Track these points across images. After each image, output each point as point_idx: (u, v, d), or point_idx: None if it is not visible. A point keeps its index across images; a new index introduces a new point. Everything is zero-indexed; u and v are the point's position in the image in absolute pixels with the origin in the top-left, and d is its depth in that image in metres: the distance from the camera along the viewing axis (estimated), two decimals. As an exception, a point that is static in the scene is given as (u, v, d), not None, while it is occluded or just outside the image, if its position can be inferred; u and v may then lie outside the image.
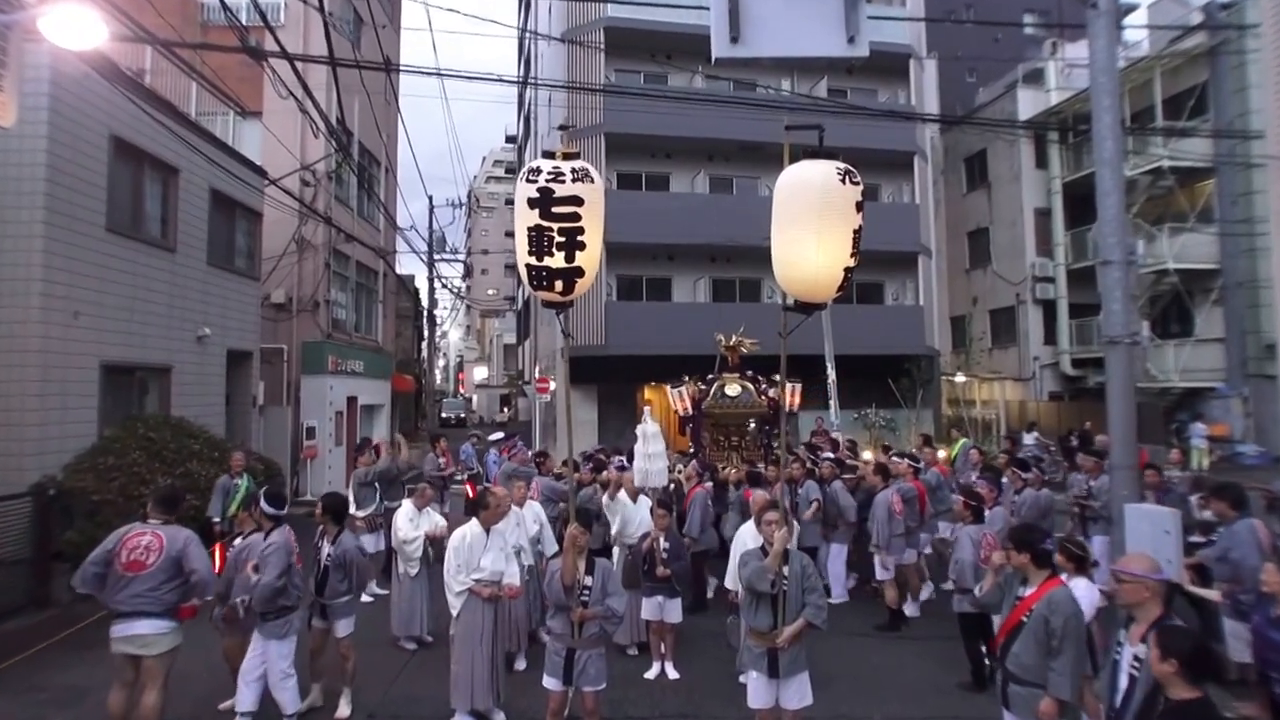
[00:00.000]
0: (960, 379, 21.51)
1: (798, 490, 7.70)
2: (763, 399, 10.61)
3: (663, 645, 5.93)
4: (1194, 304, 19.69)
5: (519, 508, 6.19)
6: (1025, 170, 23.38)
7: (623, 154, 19.15)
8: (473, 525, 5.11)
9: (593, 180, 3.89)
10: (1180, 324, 20.30)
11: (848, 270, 3.88)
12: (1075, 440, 15.80)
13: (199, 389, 10.61)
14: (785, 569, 4.14)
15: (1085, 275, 20.76)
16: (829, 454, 8.92)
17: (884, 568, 7.18)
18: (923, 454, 8.83)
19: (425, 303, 26.76)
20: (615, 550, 6.80)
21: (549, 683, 4.31)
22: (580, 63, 18.74)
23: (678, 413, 10.92)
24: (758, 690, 4.21)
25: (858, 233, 3.83)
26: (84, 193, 8.32)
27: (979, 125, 22.50)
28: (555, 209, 3.82)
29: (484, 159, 72.43)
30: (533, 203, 3.84)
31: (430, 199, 25.94)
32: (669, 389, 11.07)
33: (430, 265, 24.52)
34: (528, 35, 25.11)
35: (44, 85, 7.76)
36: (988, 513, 6.12)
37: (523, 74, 25.96)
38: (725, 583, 5.85)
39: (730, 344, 11.06)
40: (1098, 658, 4.16)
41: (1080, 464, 8.61)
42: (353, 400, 16.32)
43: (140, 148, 9.33)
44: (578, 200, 3.83)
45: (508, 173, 58.63)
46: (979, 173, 25.49)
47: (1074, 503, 8.00)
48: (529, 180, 3.85)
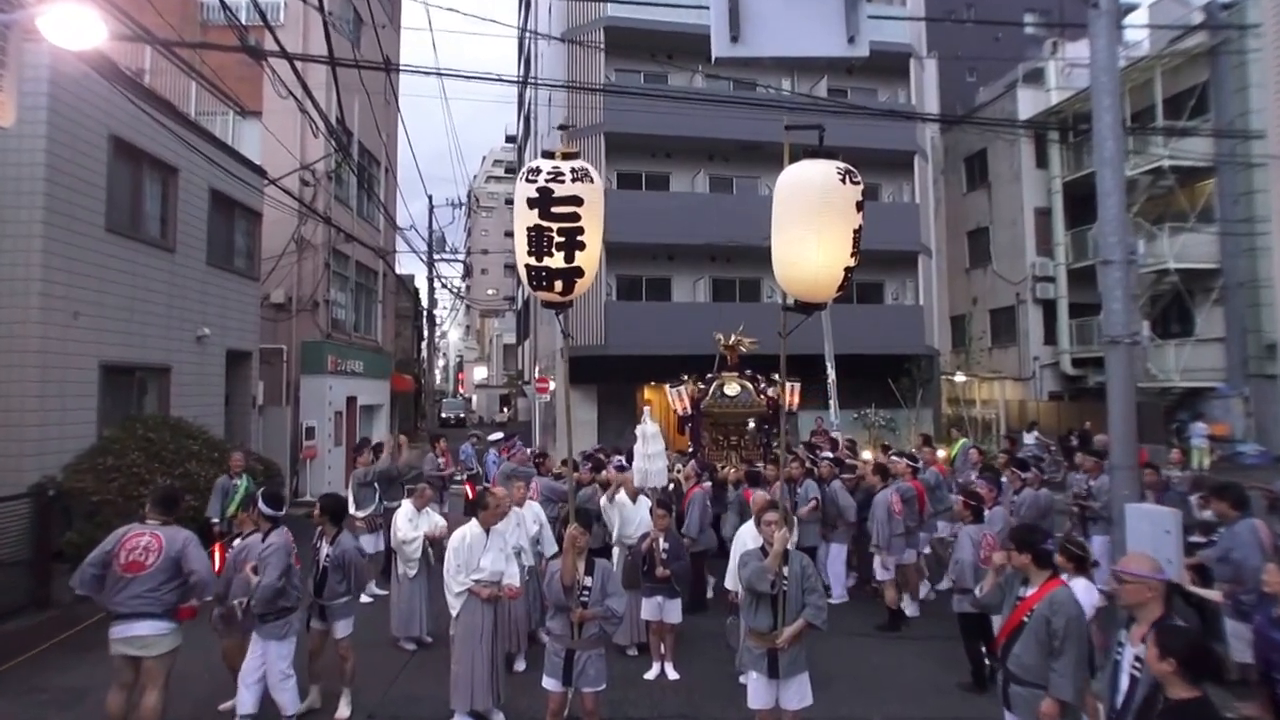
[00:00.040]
0: (960, 379, 21.49)
1: (796, 490, 7.70)
2: (762, 398, 10.61)
3: (662, 646, 5.93)
4: (1194, 303, 19.69)
5: (519, 508, 6.19)
6: (1025, 170, 23.37)
7: (623, 154, 19.13)
8: (472, 526, 5.10)
9: (592, 180, 3.88)
10: (1181, 323, 20.30)
11: (848, 270, 3.87)
12: (1075, 440, 15.81)
13: (198, 389, 10.60)
14: (785, 569, 4.14)
15: (1085, 275, 20.76)
16: (828, 453, 8.91)
17: (884, 568, 7.18)
18: (922, 454, 8.83)
19: (425, 302, 26.74)
20: (615, 550, 6.80)
21: (548, 683, 4.31)
22: (580, 62, 18.73)
23: (677, 412, 10.92)
24: (758, 691, 4.21)
25: (858, 232, 3.82)
26: (83, 193, 8.31)
27: (979, 125, 22.50)
28: (555, 209, 3.81)
29: (484, 159, 72.42)
30: (532, 203, 3.83)
31: (430, 199, 25.93)
32: (668, 388, 11.07)
33: (430, 265, 24.51)
34: (528, 35, 25.10)
35: (43, 85, 7.75)
36: (987, 513, 6.12)
37: (523, 74, 25.95)
38: (725, 583, 5.84)
39: (729, 343, 11.06)
40: (1096, 658, 4.15)
41: (1079, 464, 8.61)
42: (352, 400, 16.31)
43: (140, 147, 9.32)
44: (577, 200, 3.82)
45: (508, 172, 58.60)
46: (979, 172, 25.49)
47: (1073, 503, 8.01)
48: (528, 180, 3.84)
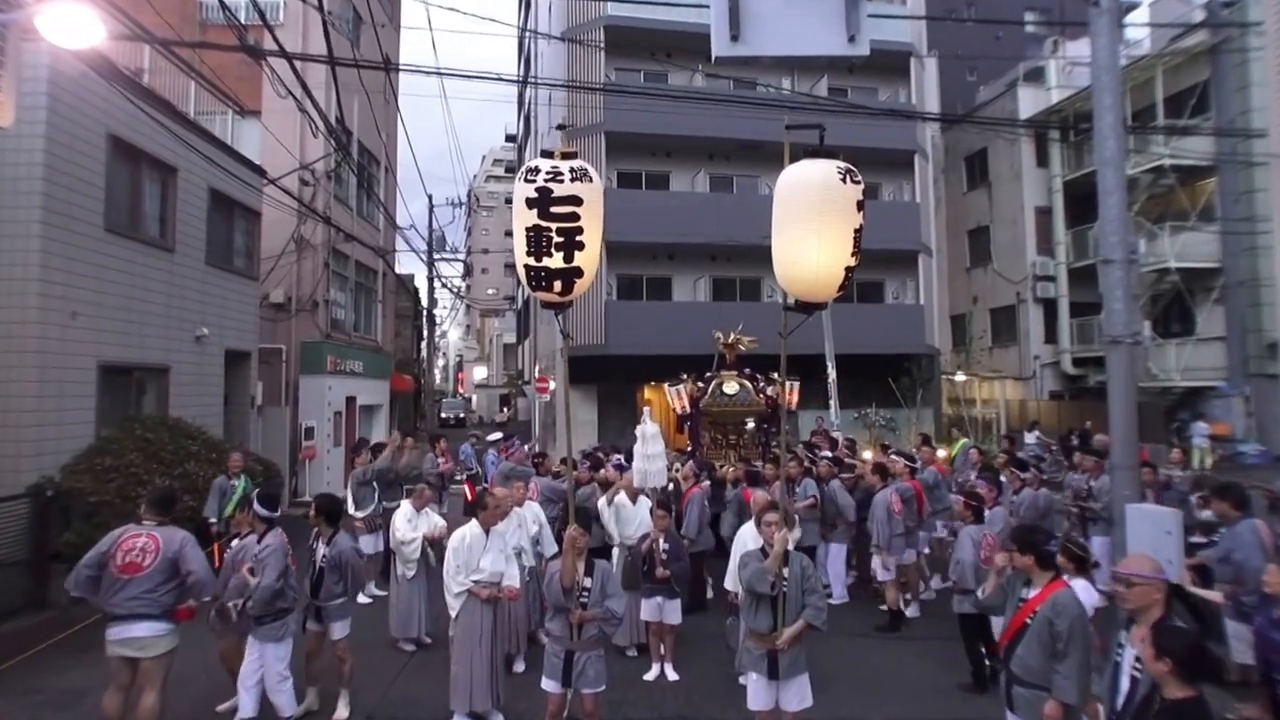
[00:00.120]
0: (960, 378, 21.47)
1: (795, 489, 7.68)
2: (761, 397, 10.60)
3: (662, 647, 5.91)
4: (1195, 303, 19.66)
5: (519, 508, 6.17)
6: (1026, 169, 23.34)
7: (623, 153, 19.10)
8: (472, 526, 5.09)
9: (591, 180, 3.85)
10: (1181, 323, 20.27)
11: (848, 269, 3.86)
12: (1076, 440, 15.79)
13: (197, 389, 10.58)
14: (785, 570, 4.13)
15: (1086, 274, 20.74)
16: (827, 453, 8.90)
17: (884, 568, 7.17)
18: (921, 453, 8.81)
19: (425, 302, 26.71)
20: (615, 551, 6.78)
21: (548, 685, 4.29)
22: (580, 61, 18.70)
23: (675, 411, 10.91)
24: (757, 692, 4.19)
25: (858, 232, 3.81)
26: (82, 192, 8.29)
27: (980, 124, 22.47)
28: (554, 209, 3.79)
29: (484, 158, 72.39)
30: (531, 203, 3.80)
31: (430, 198, 25.89)
32: (666, 387, 11.06)
33: (430, 265, 24.48)
34: (528, 34, 25.08)
35: (42, 84, 7.73)
36: (987, 513, 6.10)
37: (522, 73, 25.92)
38: (725, 583, 5.83)
39: (728, 342, 11.05)
40: (1094, 659, 4.14)
41: (1078, 464, 8.59)
42: (351, 400, 16.30)
43: (139, 147, 9.30)
44: (576, 200, 3.80)
45: (508, 172, 58.59)
46: (979, 171, 25.46)
47: (1073, 503, 7.99)
48: (527, 180, 3.82)
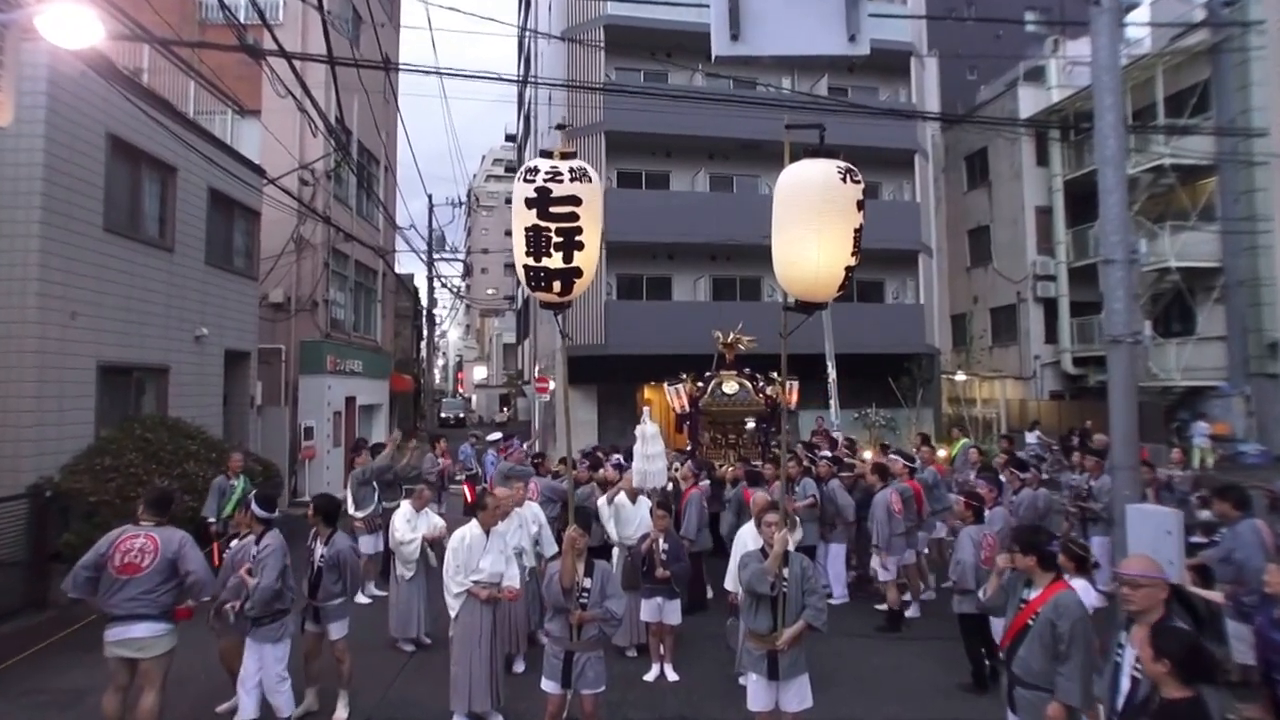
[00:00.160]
0: (961, 378, 21.45)
1: (794, 488, 7.67)
2: (760, 397, 10.59)
3: (662, 647, 5.90)
4: (1196, 302, 19.65)
5: (519, 508, 6.15)
6: (1026, 168, 23.31)
7: (623, 152, 19.09)
8: (472, 526, 5.08)
9: (590, 180, 3.84)
10: (1182, 322, 20.25)
11: (848, 269, 3.85)
12: (1076, 439, 15.76)
13: (196, 389, 10.58)
14: (785, 571, 4.12)
15: (1086, 273, 20.73)
16: (826, 452, 8.89)
17: (884, 568, 7.16)
18: (920, 453, 8.80)
19: (424, 302, 26.70)
20: (614, 551, 6.78)
21: (547, 685, 4.28)
22: (580, 61, 18.68)
23: (675, 411, 10.90)
24: (757, 693, 4.19)
25: (858, 231, 3.80)
26: (81, 192, 8.28)
27: (980, 123, 22.44)
28: (553, 209, 3.77)
29: (484, 157, 72.33)
30: (530, 203, 3.79)
31: (430, 198, 25.88)
32: (666, 386, 11.05)
33: (430, 264, 24.47)
34: (527, 33, 25.06)
35: (41, 84, 7.72)
36: (987, 513, 6.10)
37: (522, 72, 25.90)
38: (725, 584, 5.82)
39: (728, 341, 11.04)
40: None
41: (1075, 463, 8.58)
42: (351, 400, 16.29)
43: (138, 147, 9.29)
44: (575, 200, 3.78)
45: (508, 171, 58.49)
46: (980, 171, 25.44)
47: (1073, 503, 7.97)
48: (526, 180, 3.80)
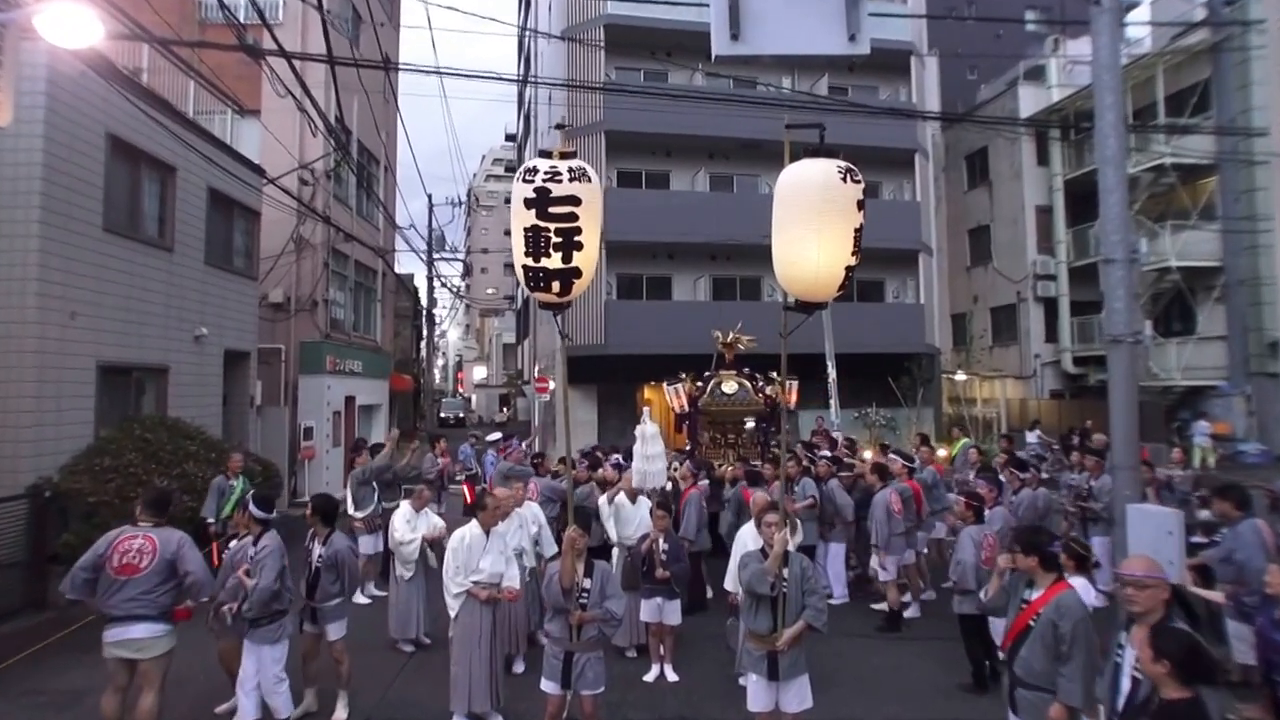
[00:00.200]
0: (961, 377, 21.44)
1: (793, 488, 7.66)
2: (760, 396, 10.59)
3: (662, 648, 5.90)
4: (1196, 301, 19.63)
5: (519, 508, 6.15)
6: (1026, 167, 23.30)
7: (623, 152, 19.08)
8: (472, 527, 5.08)
9: (590, 180, 3.83)
10: (1182, 322, 20.24)
11: (849, 269, 3.84)
12: (1077, 439, 15.75)
13: (196, 389, 10.57)
14: (785, 571, 4.11)
15: (1087, 272, 20.72)
16: (825, 452, 8.88)
17: (884, 568, 7.15)
18: (919, 453, 8.80)
19: (424, 302, 26.69)
20: (614, 551, 6.77)
21: (547, 686, 4.27)
22: (580, 60, 18.66)
23: (674, 410, 10.89)
24: (757, 693, 4.18)
25: (859, 231, 3.79)
26: (80, 192, 8.27)
27: (980, 123, 22.43)
28: (552, 209, 3.76)
29: (484, 157, 72.32)
30: (529, 203, 3.78)
31: (430, 197, 25.87)
32: (665, 386, 11.04)
33: (429, 264, 24.46)
34: (527, 33, 25.04)
35: (40, 84, 7.70)
36: (988, 513, 6.09)
37: (522, 72, 25.89)
38: (725, 584, 5.81)
39: (727, 341, 11.03)
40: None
41: (1074, 463, 8.57)
42: (350, 400, 16.28)
43: (137, 147, 9.27)
44: (575, 200, 3.77)
45: (508, 171, 58.44)
46: (980, 170, 25.42)
47: (1073, 503, 7.96)
48: (525, 180, 3.79)
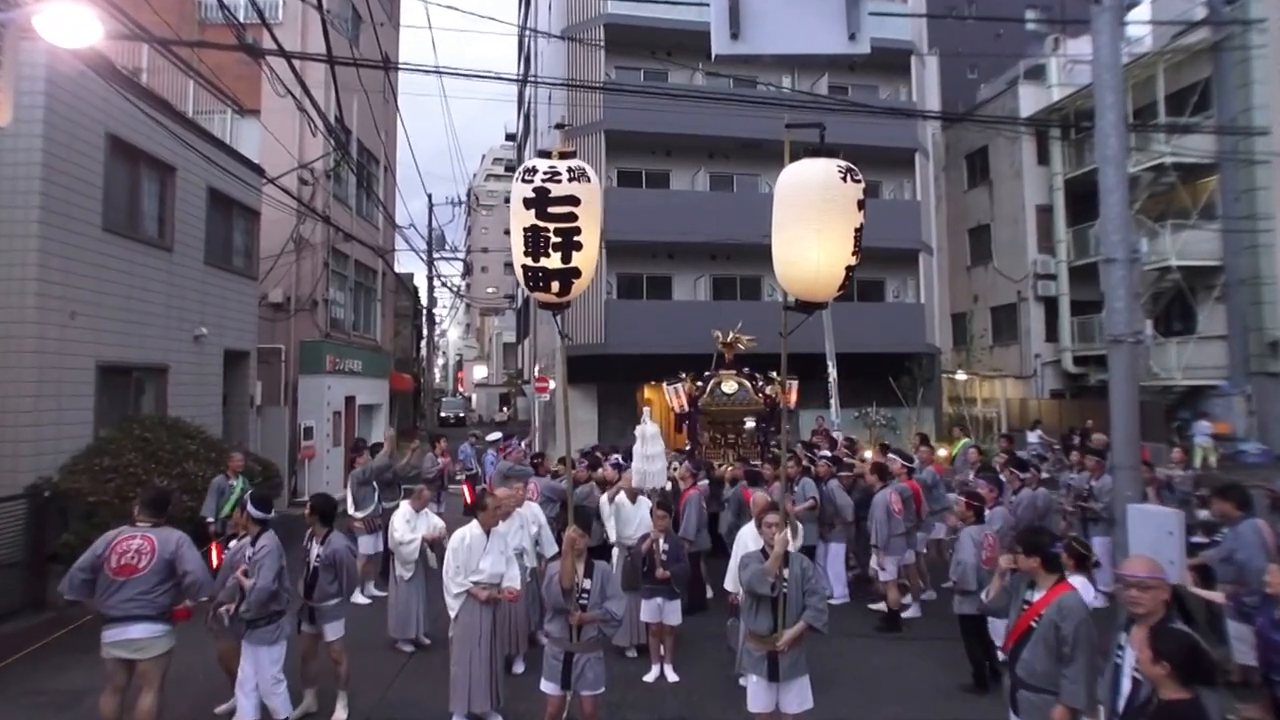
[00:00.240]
0: (961, 377, 21.44)
1: (793, 488, 7.65)
2: (759, 396, 10.58)
3: (662, 648, 5.89)
4: (1197, 301, 19.62)
5: (519, 508, 6.14)
6: (1027, 167, 23.29)
7: (623, 151, 19.07)
8: (472, 527, 5.07)
9: (589, 179, 3.82)
10: (1183, 321, 20.22)
11: (849, 269, 3.83)
12: (1077, 438, 15.75)
13: (196, 389, 10.56)
14: (785, 571, 4.10)
15: (1087, 272, 20.71)
16: (825, 452, 8.88)
17: (883, 568, 7.14)
18: (919, 453, 8.79)
19: (424, 301, 26.68)
20: (614, 551, 6.76)
21: (547, 687, 4.27)
22: (580, 60, 18.65)
23: (674, 410, 10.89)
24: (757, 694, 4.17)
25: (859, 231, 3.78)
26: (80, 192, 8.26)
27: (980, 122, 22.43)
28: (551, 209, 3.75)
29: (484, 157, 72.33)
30: (529, 203, 3.77)
31: (430, 197, 25.86)
32: (665, 386, 11.03)
33: (429, 264, 24.45)
34: (527, 32, 25.03)
35: (39, 84, 7.70)
36: (988, 513, 6.08)
37: (522, 71, 25.88)
38: (725, 584, 5.81)
39: (727, 341, 11.02)
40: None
41: (1074, 463, 8.56)
42: (351, 400, 16.27)
43: (137, 146, 9.27)
44: (574, 200, 3.76)
45: (507, 170, 58.41)
46: (980, 169, 25.41)
47: (1073, 503, 7.95)
48: (525, 180, 3.78)
